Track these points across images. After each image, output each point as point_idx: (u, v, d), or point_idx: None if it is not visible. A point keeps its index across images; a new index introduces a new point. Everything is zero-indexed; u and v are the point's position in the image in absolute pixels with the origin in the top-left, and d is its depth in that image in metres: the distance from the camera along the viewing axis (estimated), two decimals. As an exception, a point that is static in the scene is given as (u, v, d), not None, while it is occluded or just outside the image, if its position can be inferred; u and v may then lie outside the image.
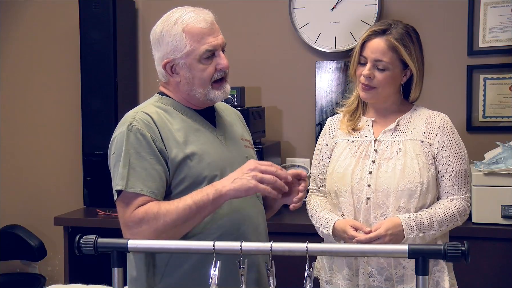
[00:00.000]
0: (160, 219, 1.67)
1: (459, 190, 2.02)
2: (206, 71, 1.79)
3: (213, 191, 1.68)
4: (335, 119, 2.19)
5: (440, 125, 2.02)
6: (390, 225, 1.92)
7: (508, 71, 3.25)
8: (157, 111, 1.80)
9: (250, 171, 1.67)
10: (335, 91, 3.47)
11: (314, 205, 2.13)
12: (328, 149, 2.15)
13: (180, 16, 1.79)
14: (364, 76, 2.01)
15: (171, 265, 1.77)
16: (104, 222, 3.20)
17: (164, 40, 1.78)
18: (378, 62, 1.98)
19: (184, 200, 1.69)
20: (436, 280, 1.99)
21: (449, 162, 2.00)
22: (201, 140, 1.81)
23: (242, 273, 1.35)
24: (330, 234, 2.01)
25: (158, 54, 1.82)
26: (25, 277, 3.89)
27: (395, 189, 1.96)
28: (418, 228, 1.93)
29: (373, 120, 2.08)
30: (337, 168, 2.06)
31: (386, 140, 2.03)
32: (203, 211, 1.69)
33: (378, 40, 1.99)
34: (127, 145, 1.72)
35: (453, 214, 1.99)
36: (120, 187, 1.70)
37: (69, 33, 3.78)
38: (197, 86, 1.80)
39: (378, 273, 2.01)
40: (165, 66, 1.80)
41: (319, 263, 2.16)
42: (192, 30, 1.77)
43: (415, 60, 2.00)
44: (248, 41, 3.57)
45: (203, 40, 1.77)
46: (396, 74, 2.01)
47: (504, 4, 3.23)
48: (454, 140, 2.02)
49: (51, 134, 3.91)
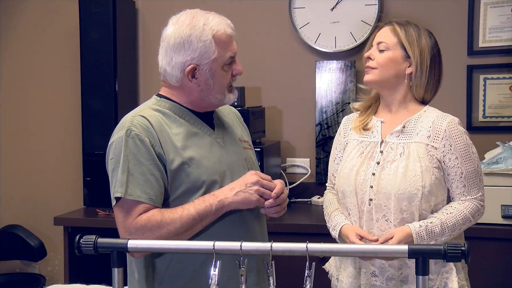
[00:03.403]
0: (163, 227, 1.69)
1: (471, 190, 2.00)
2: (226, 77, 1.81)
3: (216, 202, 1.72)
4: (350, 118, 2.20)
5: (446, 128, 1.99)
6: (401, 237, 1.91)
7: (508, 71, 3.25)
8: (155, 114, 1.79)
9: (252, 185, 1.74)
10: (335, 91, 3.47)
11: (328, 204, 2.15)
12: (342, 148, 2.16)
13: (207, 22, 1.77)
14: (365, 57, 2.07)
15: (172, 268, 1.77)
16: (104, 222, 3.20)
17: (193, 45, 1.75)
18: (379, 43, 2.04)
19: (188, 210, 1.70)
20: (445, 282, 1.98)
21: (457, 164, 1.98)
22: (200, 144, 1.80)
23: (242, 273, 1.35)
24: (336, 237, 2.03)
25: (179, 58, 1.76)
26: (25, 277, 3.88)
27: (396, 192, 1.95)
28: (429, 237, 1.93)
29: (382, 121, 2.08)
30: (344, 168, 2.07)
31: (392, 142, 2.03)
32: (205, 221, 1.72)
33: (386, 27, 2.07)
34: (125, 150, 1.72)
35: (466, 216, 1.97)
36: (119, 194, 1.70)
37: (69, 33, 3.78)
38: (216, 92, 1.81)
39: (380, 273, 2.01)
40: (188, 72, 1.77)
41: (332, 259, 2.18)
42: (221, 37, 1.77)
43: (418, 50, 2.01)
44: (248, 41, 3.57)
45: (228, 47, 1.79)
46: (396, 57, 2.02)
47: (504, 4, 3.23)
48: (462, 142, 1.99)
49: (51, 134, 3.91)
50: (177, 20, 1.80)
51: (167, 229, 1.68)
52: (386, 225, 1.98)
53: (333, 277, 2.15)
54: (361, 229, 1.99)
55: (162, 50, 1.81)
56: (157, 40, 1.85)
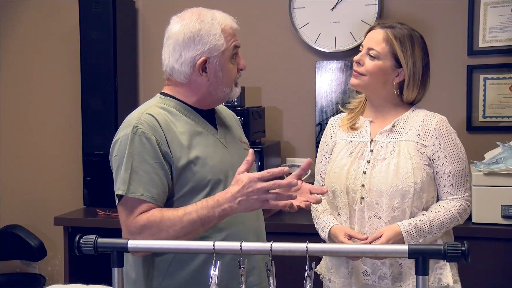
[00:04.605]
0: (162, 229, 1.67)
1: (458, 190, 2.02)
2: (234, 70, 1.84)
3: (220, 210, 1.66)
4: (336, 119, 2.20)
5: (436, 127, 2.02)
6: (391, 235, 1.93)
7: (508, 71, 3.25)
8: (162, 112, 1.79)
9: (253, 194, 1.63)
10: (335, 91, 3.47)
11: (315, 206, 2.13)
12: (329, 149, 2.16)
13: (214, 16, 1.81)
14: (355, 61, 2.06)
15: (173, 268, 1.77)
16: (104, 222, 3.20)
17: (203, 39, 1.77)
18: (370, 50, 2.03)
19: (189, 214, 1.68)
20: (438, 277, 2.00)
21: (446, 163, 2.01)
22: (205, 144, 1.80)
23: (242, 273, 1.35)
24: (326, 239, 2.04)
25: (190, 53, 1.77)
26: (25, 277, 3.89)
27: (388, 189, 1.96)
28: (418, 235, 1.95)
29: (371, 121, 2.09)
30: (334, 168, 2.07)
31: (381, 141, 2.04)
32: (206, 225, 1.70)
33: (378, 31, 2.05)
34: (130, 148, 1.72)
35: (453, 215, 2.00)
36: (121, 192, 1.70)
37: (69, 33, 3.78)
38: (224, 85, 1.82)
39: (372, 272, 2.02)
40: (199, 65, 1.78)
41: (323, 261, 2.18)
42: (228, 30, 1.81)
43: (411, 62, 2.01)
44: (248, 41, 3.56)
45: (232, 39, 1.82)
46: (386, 67, 2.02)
47: (504, 4, 3.23)
48: (451, 141, 2.02)
49: (51, 134, 3.91)
50: (182, 18, 1.81)
51: (166, 231, 1.67)
52: (378, 223, 1.99)
53: (324, 278, 2.15)
54: (350, 229, 2.01)
55: (169, 48, 1.80)
56: (157, 40, 1.85)
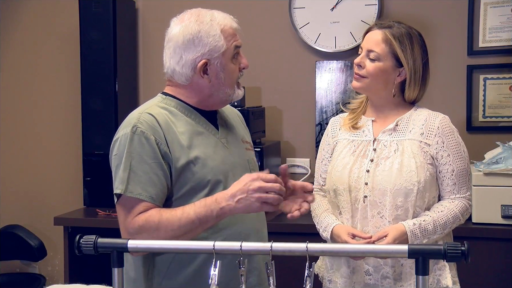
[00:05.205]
0: (161, 229, 1.67)
1: (461, 189, 2.03)
2: (235, 71, 1.82)
3: (218, 209, 1.66)
4: (337, 118, 2.20)
5: (439, 125, 2.02)
6: (396, 235, 1.92)
7: (508, 71, 3.25)
8: (162, 112, 1.78)
9: (254, 192, 1.64)
10: (335, 91, 3.47)
11: (316, 206, 2.13)
12: (330, 149, 2.16)
13: (213, 17, 1.79)
14: (355, 64, 2.06)
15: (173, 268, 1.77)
16: (104, 222, 3.20)
17: (202, 40, 1.76)
18: (370, 52, 2.02)
19: (187, 214, 1.68)
20: (437, 279, 2.00)
21: (449, 162, 2.01)
22: (205, 144, 1.80)
23: (242, 273, 1.35)
24: (328, 238, 2.03)
25: (190, 55, 1.76)
26: (25, 277, 3.88)
27: (392, 188, 1.96)
28: (423, 235, 1.95)
29: (373, 120, 2.09)
30: (336, 167, 2.07)
31: (385, 139, 2.04)
32: (205, 225, 1.69)
33: (376, 32, 2.04)
34: (129, 147, 1.71)
35: (456, 215, 2.00)
36: (119, 191, 1.70)
37: (69, 33, 3.78)
38: (226, 86, 1.81)
39: (375, 271, 2.02)
40: (200, 67, 1.77)
41: (320, 261, 2.17)
42: (227, 30, 1.79)
43: (412, 60, 2.01)
44: (248, 41, 3.54)
45: (233, 39, 1.80)
46: (387, 68, 2.02)
47: (504, 4, 3.23)
48: (454, 140, 2.03)
49: (51, 134, 3.91)
50: (181, 19, 1.80)
51: (165, 231, 1.67)
52: (381, 221, 1.99)
53: (324, 279, 2.14)
54: (353, 228, 2.00)
55: (170, 50, 1.80)
56: (157, 40, 1.84)
